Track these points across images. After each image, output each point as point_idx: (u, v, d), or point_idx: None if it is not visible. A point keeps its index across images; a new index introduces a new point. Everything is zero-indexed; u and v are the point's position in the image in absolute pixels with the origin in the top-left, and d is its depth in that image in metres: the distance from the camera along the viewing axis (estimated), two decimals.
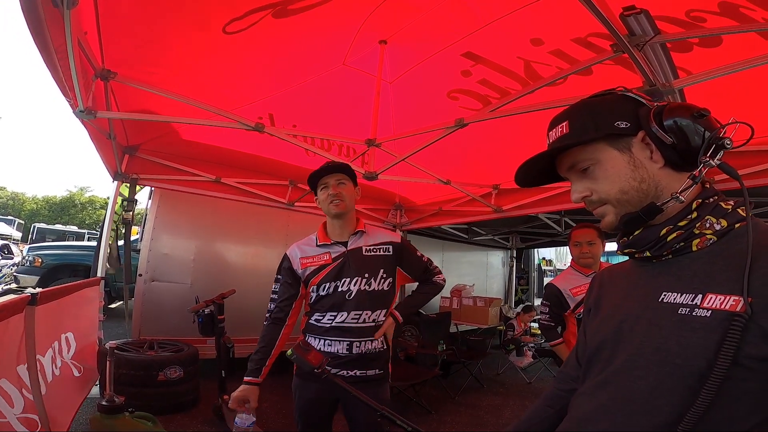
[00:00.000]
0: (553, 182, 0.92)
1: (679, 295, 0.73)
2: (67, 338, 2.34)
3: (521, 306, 7.27)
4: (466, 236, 7.77)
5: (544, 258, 11.15)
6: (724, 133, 0.74)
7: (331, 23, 2.45)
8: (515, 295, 9.34)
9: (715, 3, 1.77)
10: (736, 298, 0.66)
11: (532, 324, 6.92)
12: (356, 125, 3.26)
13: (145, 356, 3.56)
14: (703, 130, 0.74)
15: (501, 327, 6.49)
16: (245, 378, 1.80)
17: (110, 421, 2.07)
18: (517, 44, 2.43)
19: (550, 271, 11.32)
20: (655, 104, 0.79)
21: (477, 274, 8.59)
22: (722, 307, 0.67)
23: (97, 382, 3.18)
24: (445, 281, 2.07)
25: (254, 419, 1.60)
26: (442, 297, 7.14)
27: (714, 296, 0.68)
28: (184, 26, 2.26)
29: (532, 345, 6.05)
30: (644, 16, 1.70)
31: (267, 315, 1.90)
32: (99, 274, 3.83)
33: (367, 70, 2.97)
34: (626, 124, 0.78)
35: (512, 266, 9.14)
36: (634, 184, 0.79)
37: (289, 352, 1.38)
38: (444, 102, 3.08)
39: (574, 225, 6.54)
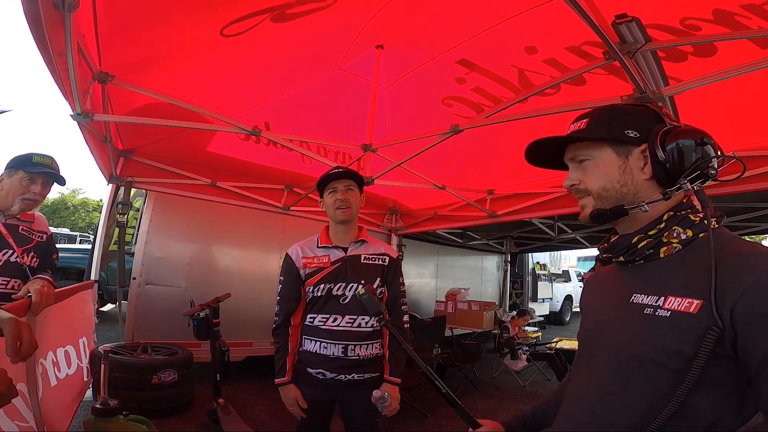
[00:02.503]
0: (555, 169, 1.00)
1: (646, 296, 0.81)
2: (63, 342, 2.33)
3: (516, 310, 7.30)
4: (461, 241, 7.80)
5: (538, 262, 11.20)
6: (713, 164, 0.80)
7: (329, 28, 2.47)
8: (510, 299, 9.37)
9: (709, 11, 1.79)
10: (690, 300, 0.74)
11: (526, 328, 6.95)
12: (352, 130, 3.27)
13: (138, 359, 3.55)
14: (698, 156, 0.80)
15: (496, 331, 6.51)
16: (280, 380, 1.86)
17: (104, 424, 2.05)
18: (512, 52, 2.46)
19: (544, 275, 11.38)
20: (671, 125, 0.85)
21: (472, 278, 8.63)
22: (679, 308, 0.75)
23: (90, 385, 3.15)
24: (408, 324, 2.03)
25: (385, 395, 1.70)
26: (437, 301, 7.16)
27: (673, 298, 0.77)
28: (182, 29, 2.27)
29: (527, 348, 6.07)
30: (635, 24, 1.73)
31: (275, 318, 1.93)
32: (93, 277, 3.82)
33: (363, 75, 3.00)
34: (635, 134, 0.85)
35: (507, 270, 9.18)
36: (617, 186, 0.86)
37: (361, 290, 1.49)
38: (438, 109, 3.10)
39: (567, 230, 6.62)
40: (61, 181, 2.12)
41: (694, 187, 0.81)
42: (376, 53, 2.81)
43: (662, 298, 0.78)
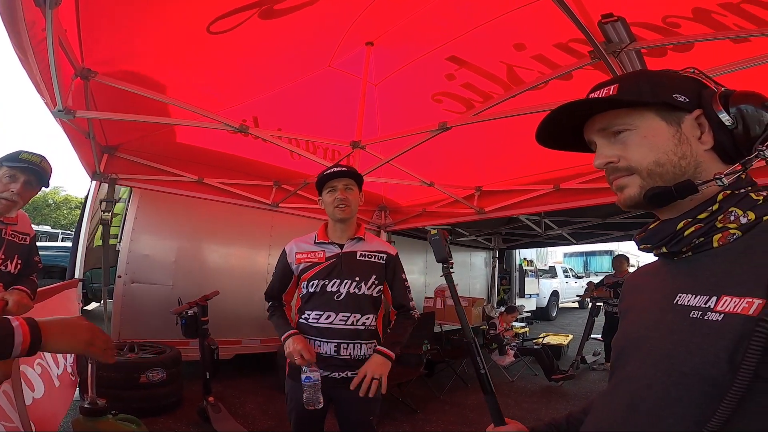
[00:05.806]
0: (563, 149, 0.86)
1: (694, 296, 0.65)
2: None
3: (504, 306, 7.38)
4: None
5: (525, 258, 11.35)
6: None
7: (318, 25, 2.46)
8: (498, 294, 9.47)
9: (689, 9, 1.85)
10: (750, 300, 0.58)
11: (515, 324, 7.04)
12: (341, 127, 3.27)
13: (125, 359, 3.51)
14: (765, 120, 0.68)
15: (484, 326, 6.58)
16: (286, 334, 1.83)
17: (93, 424, 2.04)
18: (501, 49, 2.49)
19: (531, 271, 11.52)
20: (722, 89, 0.73)
21: (460, 274, 8.68)
22: (735, 310, 0.59)
23: (77, 385, 3.11)
24: (418, 317, 2.11)
25: (318, 372, 1.71)
26: (426, 297, 7.20)
27: (729, 298, 0.60)
28: (167, 25, 2.24)
29: (514, 344, 6.15)
30: (621, 23, 1.76)
31: (267, 308, 1.99)
32: (76, 276, 3.76)
33: (353, 72, 2.99)
34: (685, 99, 0.71)
35: (494, 266, 9.27)
36: (674, 158, 0.71)
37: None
38: (428, 105, 3.12)
39: (554, 227, 6.72)
40: (45, 183, 1.98)
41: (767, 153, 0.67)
42: (366, 50, 2.81)
43: (714, 299, 0.62)
